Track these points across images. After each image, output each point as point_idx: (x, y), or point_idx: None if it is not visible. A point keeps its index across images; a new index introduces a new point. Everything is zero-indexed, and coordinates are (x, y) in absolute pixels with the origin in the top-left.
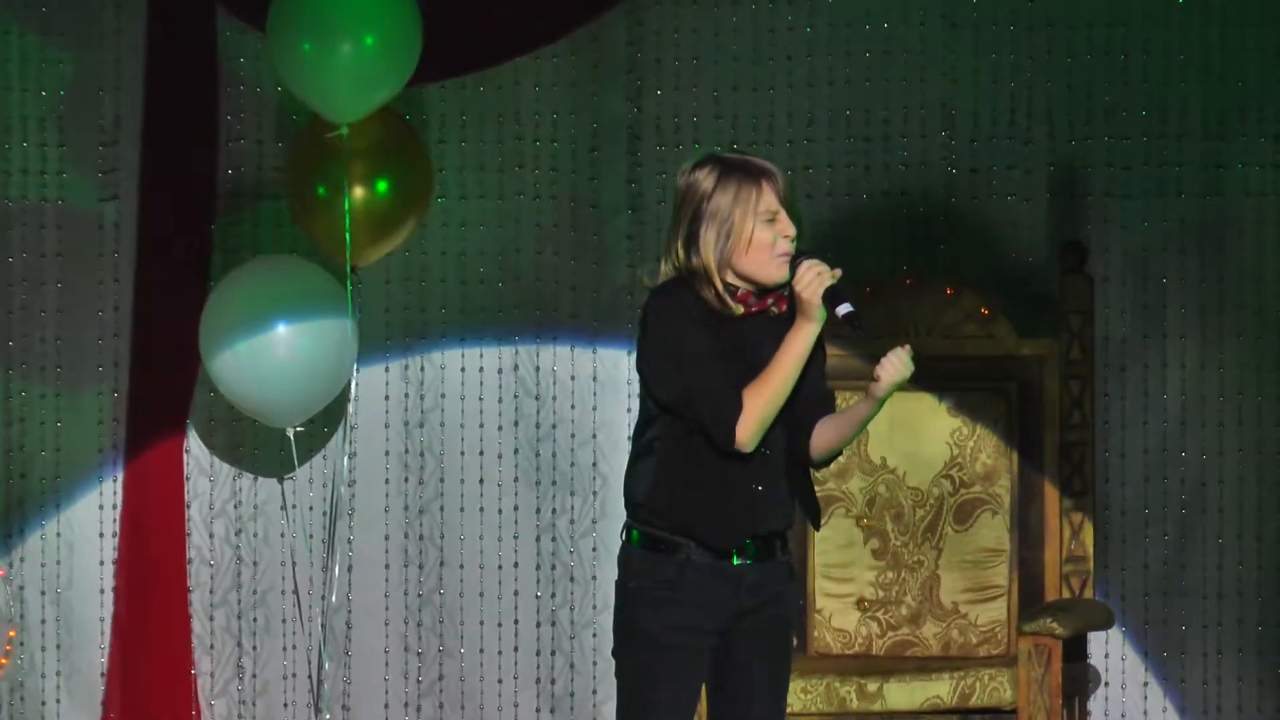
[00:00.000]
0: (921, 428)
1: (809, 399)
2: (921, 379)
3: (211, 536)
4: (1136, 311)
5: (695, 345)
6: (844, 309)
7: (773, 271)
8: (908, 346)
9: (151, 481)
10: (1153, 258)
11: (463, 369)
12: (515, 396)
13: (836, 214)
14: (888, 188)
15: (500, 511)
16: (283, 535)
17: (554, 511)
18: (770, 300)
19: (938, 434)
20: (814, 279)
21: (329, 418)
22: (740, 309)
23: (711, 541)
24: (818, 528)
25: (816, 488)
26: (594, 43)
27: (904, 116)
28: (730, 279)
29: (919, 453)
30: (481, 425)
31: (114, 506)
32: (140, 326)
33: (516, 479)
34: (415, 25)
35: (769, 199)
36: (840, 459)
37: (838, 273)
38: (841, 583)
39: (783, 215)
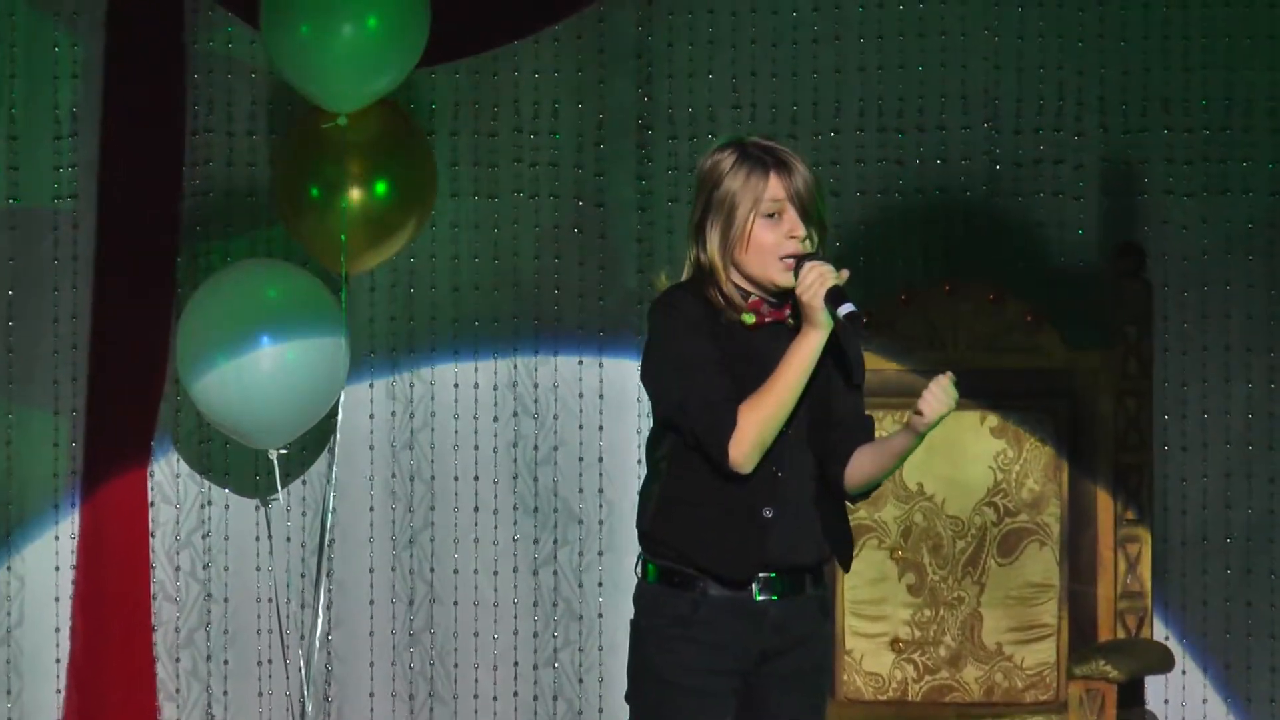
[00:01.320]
0: (962, 450)
1: (845, 422)
2: (961, 396)
3: (177, 570)
4: (1197, 321)
5: (694, 353)
6: (845, 308)
7: (775, 274)
8: (950, 375)
9: (112, 509)
10: (1215, 261)
11: (455, 385)
12: (513, 415)
13: (866, 213)
14: (923, 184)
15: (496, 543)
16: (258, 569)
17: (555, 542)
18: (789, 311)
19: (980, 457)
20: (815, 281)
21: (310, 438)
22: (751, 318)
23: (722, 573)
24: (846, 568)
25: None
26: (600, 24)
27: (941, 105)
28: (738, 280)
29: (959, 478)
30: (476, 447)
31: (70, 537)
32: (100, 338)
33: (515, 506)
34: (423, 4)
35: (775, 191)
36: None
37: (845, 274)
38: (874, 621)
39: (790, 213)
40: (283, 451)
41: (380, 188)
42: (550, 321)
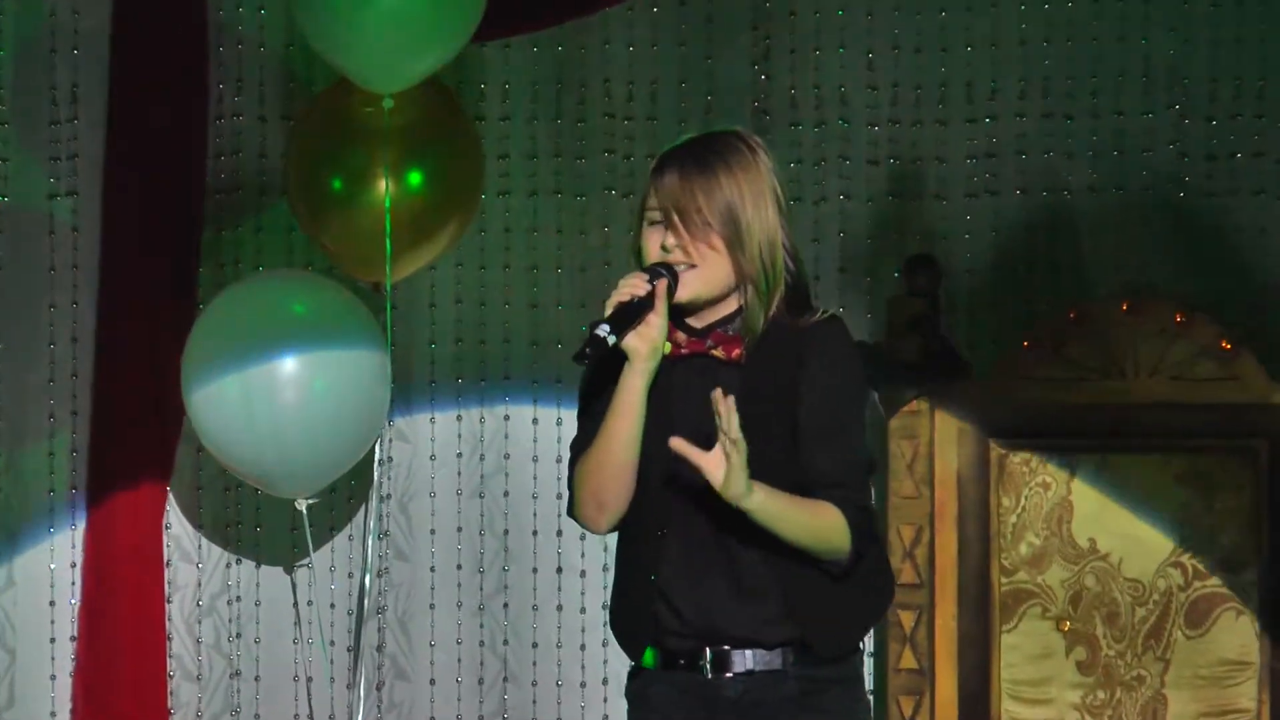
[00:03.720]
0: (1142, 500)
1: (776, 465)
2: (1142, 436)
3: (199, 642)
4: None
5: (586, 395)
6: (601, 329)
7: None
8: (718, 393)
9: (120, 570)
10: None
11: (534, 420)
12: None
13: (1028, 215)
14: (1097, 180)
15: (583, 610)
16: (294, 642)
17: None
18: (710, 342)
19: (1163, 508)
20: (617, 294)
21: (354, 485)
22: (666, 347)
23: (622, 646)
24: (825, 653)
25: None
26: None
27: (1118, 86)
28: None
29: (1138, 533)
30: (559, 495)
31: (70, 603)
32: (105, 364)
33: (606, 566)
34: None
35: (651, 197)
36: (1035, 540)
37: (660, 285)
38: (1036, 705)
39: (668, 220)
40: (311, 501)
41: (415, 178)
42: None
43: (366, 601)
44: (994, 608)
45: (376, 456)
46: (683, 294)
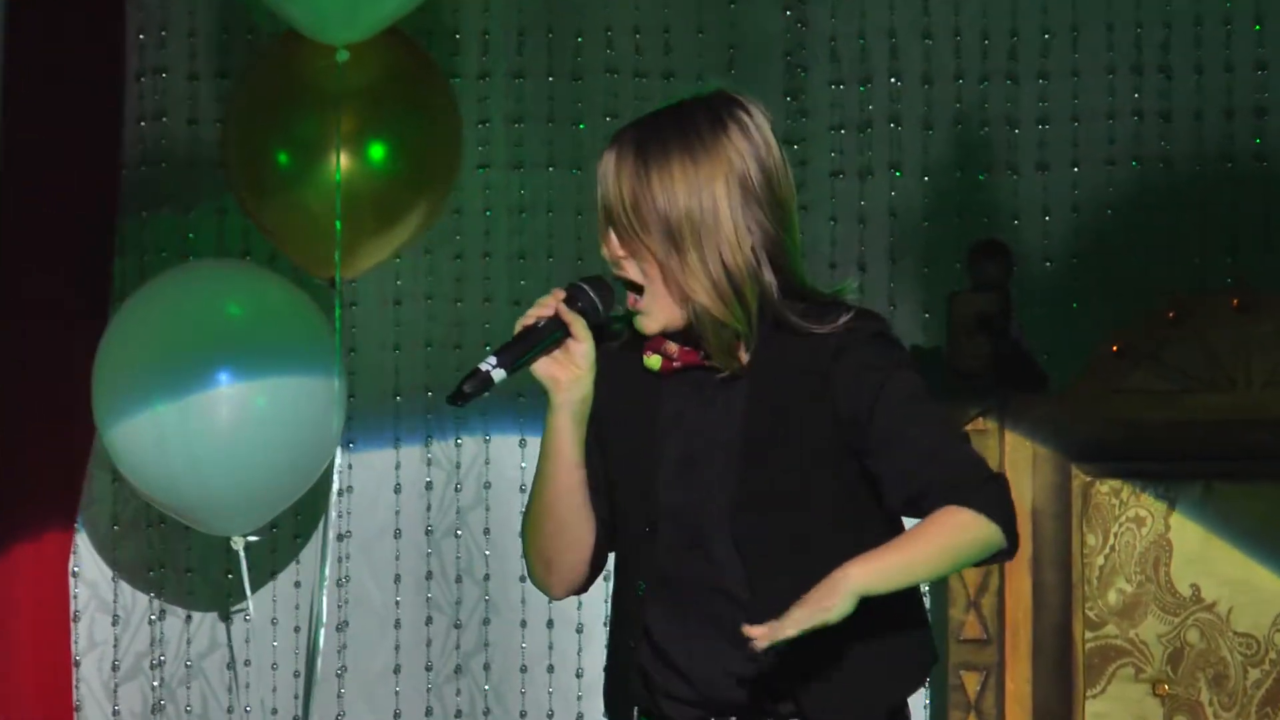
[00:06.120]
0: (1256, 537)
1: (789, 497)
2: (1255, 460)
3: (115, 715)
4: None
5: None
6: (486, 363)
7: None
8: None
9: (20, 621)
10: None
11: (521, 443)
12: None
13: (1117, 193)
14: (1201, 150)
15: (580, 673)
16: (229, 711)
17: None
18: (703, 354)
19: None
20: (523, 318)
21: (301, 521)
22: (655, 361)
23: (609, 714)
24: None
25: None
26: None
27: (1226, 36)
28: None
29: (1251, 578)
30: None
31: None
32: (3, 373)
33: (605, 622)
34: None
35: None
36: (1126, 587)
37: (569, 318)
38: None
39: (610, 225)
40: (250, 540)
41: (376, 151)
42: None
43: (318, 662)
44: (1077, 668)
45: (334, 487)
46: (650, 326)
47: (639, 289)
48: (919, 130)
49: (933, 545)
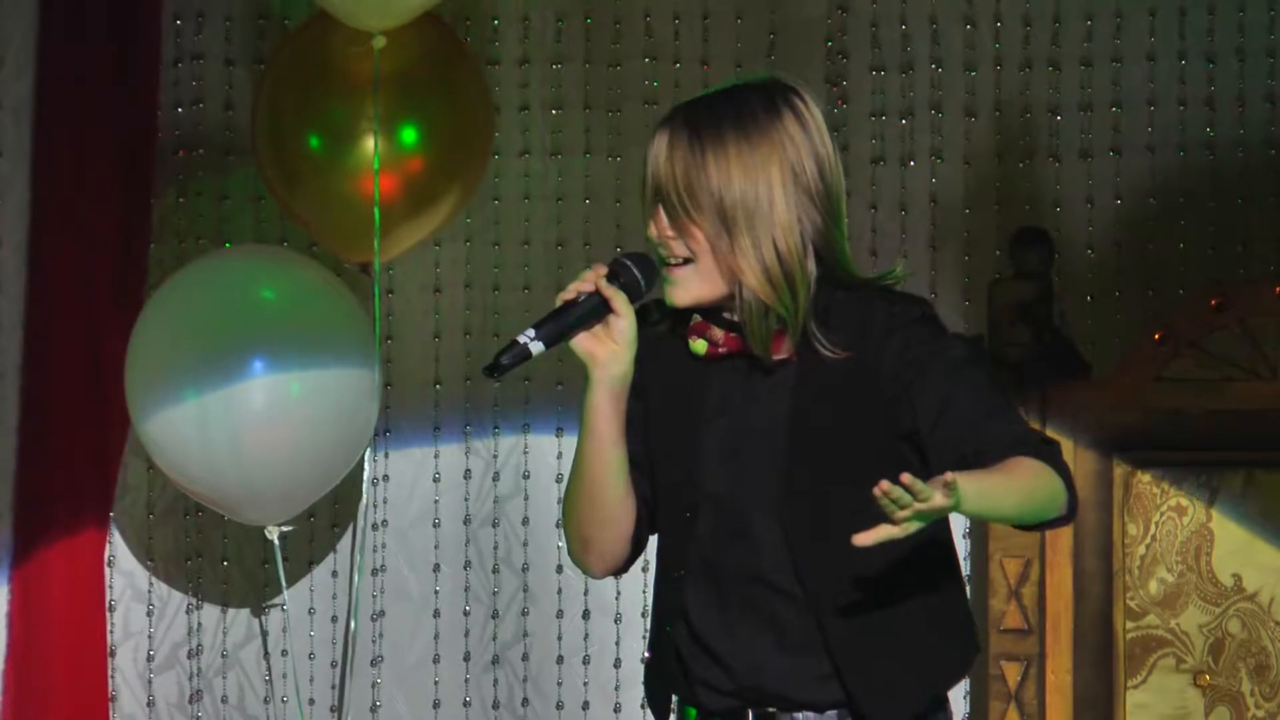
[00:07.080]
0: None
1: (849, 482)
2: None
3: (150, 705)
4: None
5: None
6: (525, 335)
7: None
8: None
9: (53, 612)
10: None
11: (559, 430)
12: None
13: (1158, 178)
14: (1244, 135)
15: (618, 663)
16: (266, 701)
17: None
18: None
19: None
20: (564, 292)
21: (339, 510)
22: (701, 346)
23: (651, 706)
24: None
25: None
26: None
27: (1271, 20)
28: None
29: None
30: None
31: None
32: (34, 363)
33: (644, 612)
34: None
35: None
36: (1168, 577)
37: (602, 287)
38: None
39: (655, 200)
40: (285, 530)
41: (409, 135)
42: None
43: (353, 652)
44: (1118, 659)
45: (367, 475)
46: (681, 297)
47: (687, 264)
48: (960, 117)
49: (1016, 482)
